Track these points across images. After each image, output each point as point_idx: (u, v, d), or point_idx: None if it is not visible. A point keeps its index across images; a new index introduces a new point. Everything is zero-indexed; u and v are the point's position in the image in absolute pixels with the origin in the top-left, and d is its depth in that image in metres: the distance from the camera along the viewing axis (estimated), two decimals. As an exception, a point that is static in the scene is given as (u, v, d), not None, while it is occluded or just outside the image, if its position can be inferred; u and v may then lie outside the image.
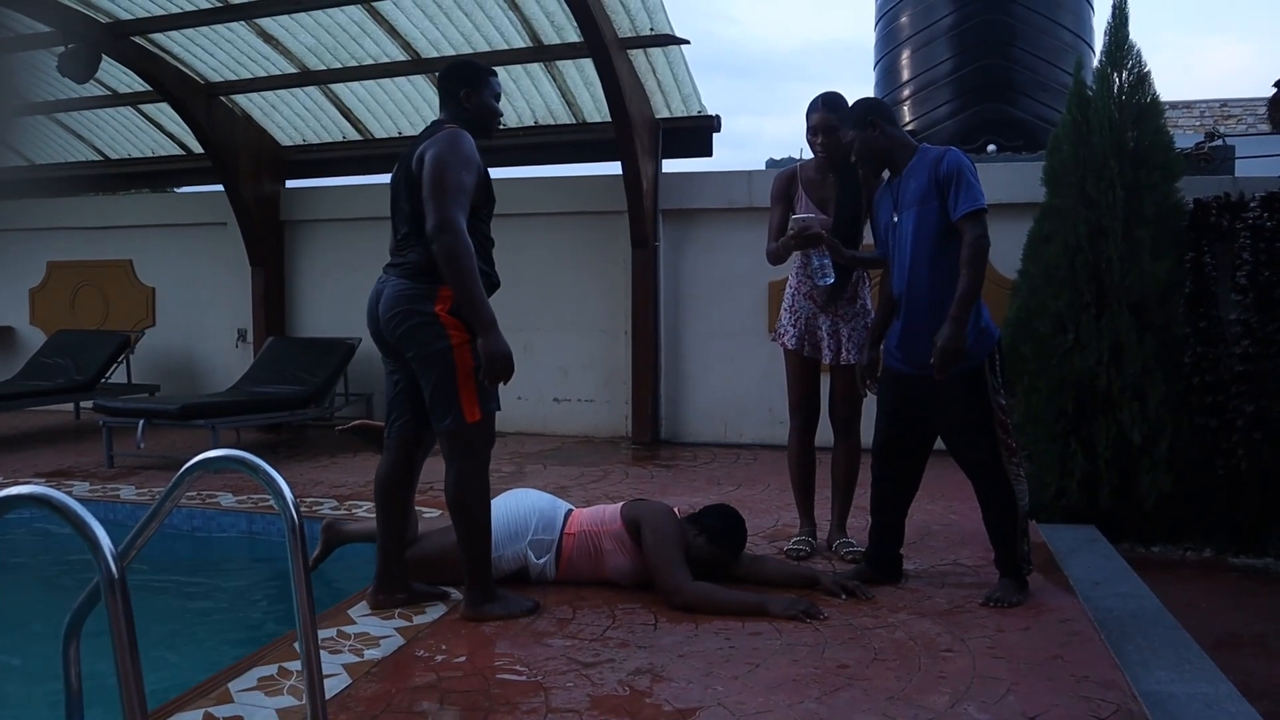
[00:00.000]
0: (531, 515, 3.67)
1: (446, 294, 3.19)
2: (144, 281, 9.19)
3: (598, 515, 3.70)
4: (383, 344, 3.38)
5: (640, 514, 3.59)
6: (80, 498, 5.13)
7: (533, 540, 3.63)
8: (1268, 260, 5.44)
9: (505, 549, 3.59)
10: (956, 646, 3.03)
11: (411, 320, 3.22)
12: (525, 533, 3.63)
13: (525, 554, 3.62)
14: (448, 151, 3.20)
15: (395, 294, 3.27)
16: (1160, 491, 5.30)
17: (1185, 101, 18.00)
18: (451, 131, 3.30)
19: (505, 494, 3.82)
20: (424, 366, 3.24)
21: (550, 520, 3.68)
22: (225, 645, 3.54)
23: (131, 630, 1.64)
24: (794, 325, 4.20)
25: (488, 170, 3.39)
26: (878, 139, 3.60)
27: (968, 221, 3.48)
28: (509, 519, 3.63)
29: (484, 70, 3.53)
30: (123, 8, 6.95)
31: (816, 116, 4.04)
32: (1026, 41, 8.62)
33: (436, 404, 3.24)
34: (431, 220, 3.12)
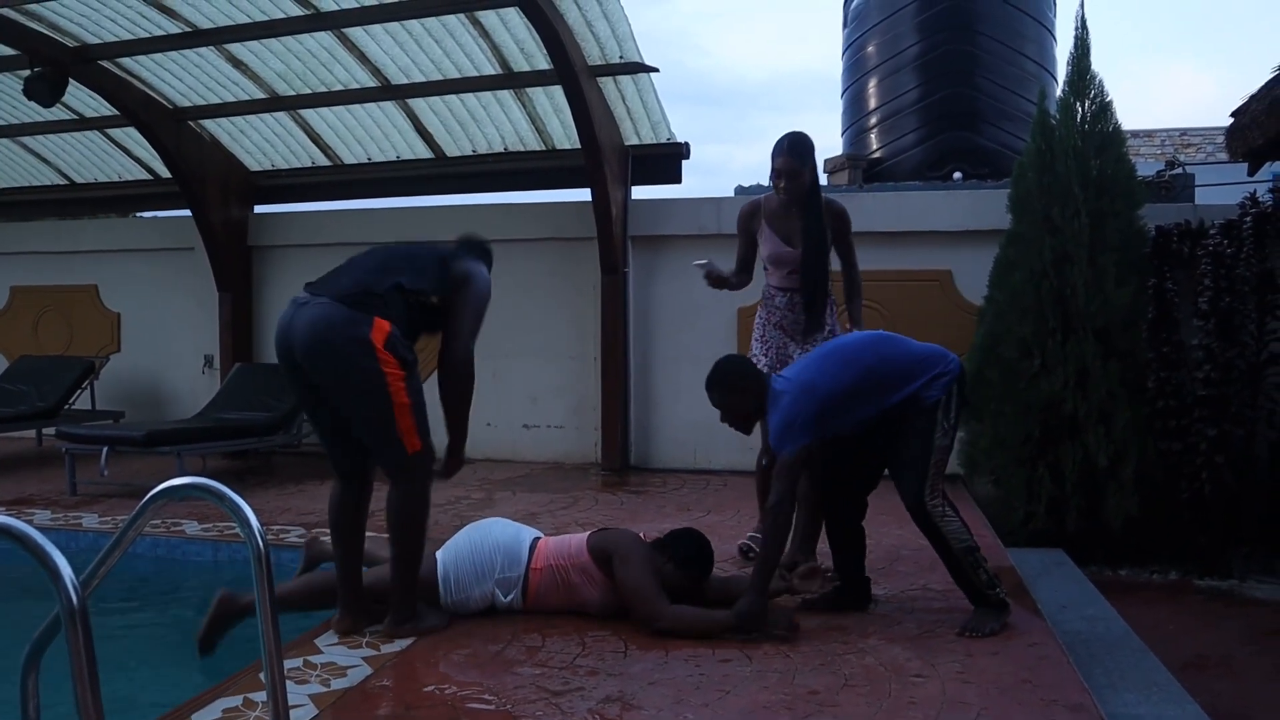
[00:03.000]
0: (496, 554, 3.57)
1: (383, 325, 3.14)
2: (109, 307, 9.09)
3: (563, 547, 3.63)
4: (294, 372, 3.27)
5: (608, 544, 3.55)
6: (41, 526, 5.03)
7: (498, 579, 3.56)
8: (1228, 287, 5.54)
9: (472, 590, 3.53)
10: (926, 672, 3.03)
11: (349, 347, 3.13)
12: (491, 572, 3.55)
13: (492, 593, 3.57)
14: (486, 292, 3.47)
15: (324, 317, 3.17)
16: (1126, 515, 5.37)
17: (1146, 130, 18.34)
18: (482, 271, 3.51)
19: (468, 529, 3.72)
20: (353, 396, 3.19)
21: (515, 556, 3.59)
22: (189, 676, 3.48)
23: (92, 662, 1.61)
24: (765, 354, 4.29)
25: None
26: (746, 402, 3.63)
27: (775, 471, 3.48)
28: (473, 558, 3.56)
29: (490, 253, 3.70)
30: (90, 32, 6.92)
31: (781, 160, 4.10)
32: (991, 71, 8.77)
33: (374, 436, 3.24)
34: (463, 350, 3.35)
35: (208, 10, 6.62)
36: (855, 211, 7.05)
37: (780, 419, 3.44)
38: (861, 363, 3.52)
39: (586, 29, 6.35)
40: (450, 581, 3.53)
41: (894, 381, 3.50)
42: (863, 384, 3.48)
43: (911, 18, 9.02)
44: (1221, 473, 5.35)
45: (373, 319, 3.15)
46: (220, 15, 6.67)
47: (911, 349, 3.59)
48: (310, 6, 6.51)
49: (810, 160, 4.10)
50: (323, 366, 3.18)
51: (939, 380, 3.50)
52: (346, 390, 3.20)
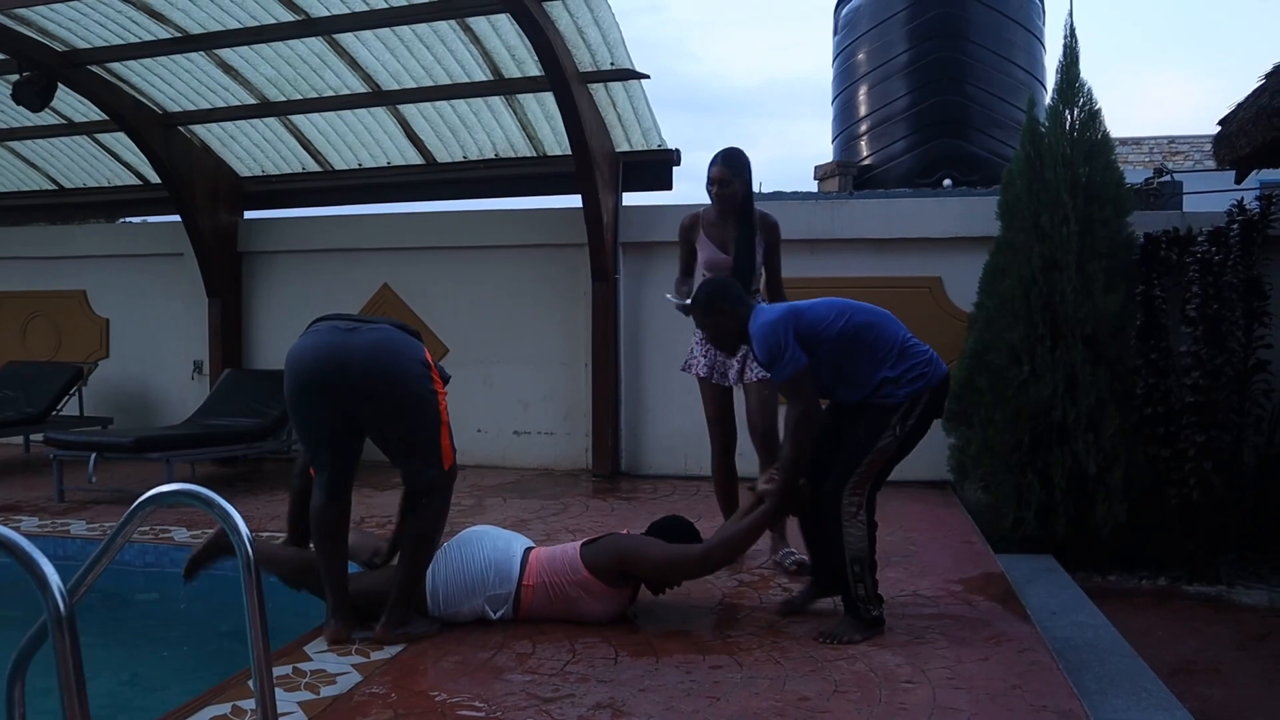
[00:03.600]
0: (487, 570, 3.54)
1: (429, 355, 3.42)
2: (98, 312, 9.05)
3: (556, 563, 3.57)
4: (335, 393, 3.29)
5: (605, 555, 3.53)
6: (28, 533, 5.01)
7: (489, 596, 3.54)
8: (1215, 294, 5.57)
9: (460, 605, 3.52)
10: (916, 678, 3.03)
11: (413, 368, 3.33)
12: (481, 589, 3.53)
13: (482, 608, 3.54)
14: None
15: (394, 341, 3.35)
16: (1115, 521, 5.38)
17: (1134, 138, 18.44)
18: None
19: (458, 540, 3.67)
20: (411, 414, 3.34)
21: (506, 573, 3.55)
22: (177, 684, 3.47)
23: (80, 670, 1.60)
24: (704, 356, 4.59)
25: None
26: (727, 323, 3.68)
27: (785, 392, 3.51)
28: (464, 573, 3.54)
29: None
30: (80, 37, 6.90)
31: (715, 170, 4.46)
32: (980, 79, 8.82)
33: (419, 452, 3.37)
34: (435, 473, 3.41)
35: (198, 15, 6.60)
36: (846, 218, 7.16)
37: (764, 346, 3.47)
38: (852, 319, 3.54)
39: (578, 35, 6.36)
40: (439, 596, 3.51)
41: (874, 355, 3.49)
42: (845, 341, 3.49)
43: (901, 25, 9.07)
44: (1209, 479, 5.38)
45: (423, 347, 3.43)
46: (210, 20, 6.65)
47: (903, 337, 3.59)
48: (301, 12, 6.50)
49: (743, 174, 4.46)
50: (388, 383, 3.30)
51: (913, 380, 3.49)
52: (406, 407, 3.34)
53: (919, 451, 6.58)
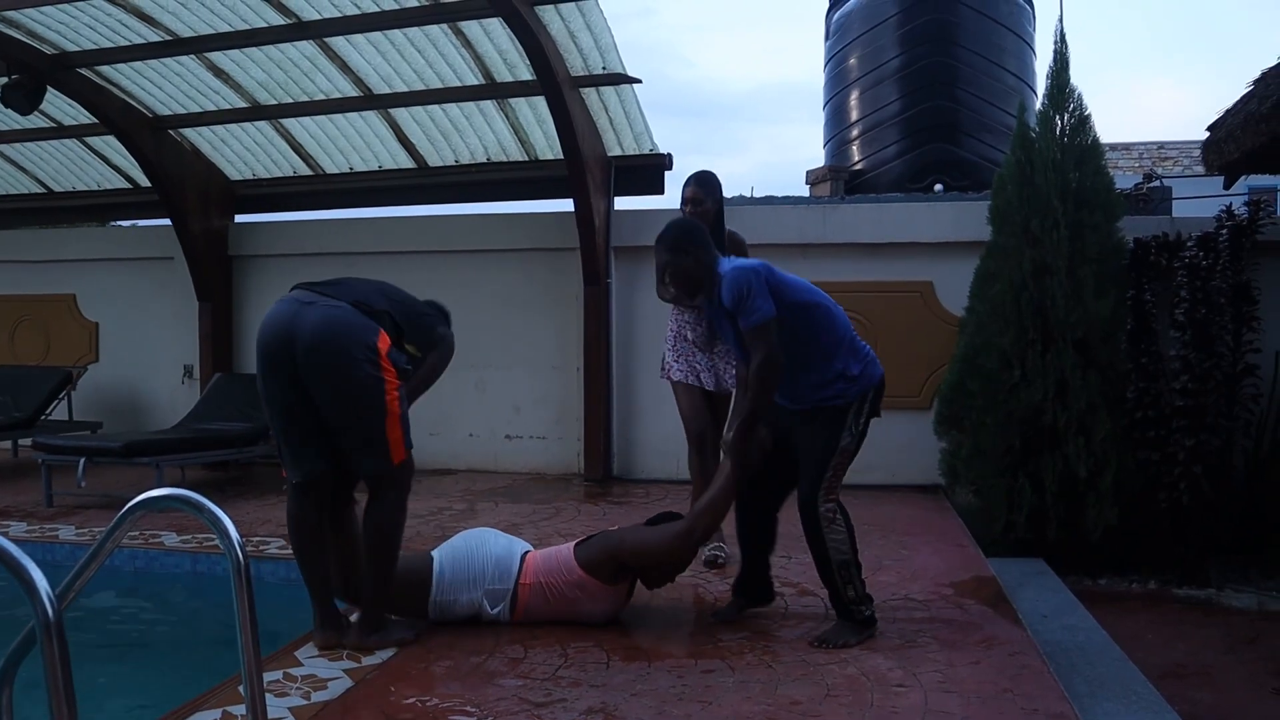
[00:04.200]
0: (487, 563, 3.58)
1: (385, 337, 3.28)
2: (87, 316, 9.01)
3: (551, 564, 3.59)
4: (283, 369, 3.26)
5: (599, 553, 3.55)
6: (16, 538, 4.99)
7: (487, 590, 3.56)
8: (1204, 298, 5.60)
9: (460, 595, 3.54)
10: (908, 681, 3.03)
11: (357, 352, 3.20)
12: (480, 581, 3.55)
13: (480, 602, 3.56)
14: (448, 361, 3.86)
15: (340, 319, 3.24)
16: (1106, 525, 5.40)
17: (1124, 143, 18.54)
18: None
19: (463, 535, 3.74)
20: (352, 398, 3.22)
21: (506, 569, 3.58)
22: (167, 689, 3.45)
23: (68, 676, 1.59)
24: (678, 361, 4.79)
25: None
26: (692, 267, 3.59)
27: (750, 339, 3.42)
28: (468, 563, 3.57)
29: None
30: (69, 40, 6.88)
31: (689, 190, 4.70)
32: (971, 84, 8.84)
33: (363, 441, 3.28)
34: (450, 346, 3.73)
35: (188, 19, 6.59)
36: (838, 223, 7.17)
37: (733, 288, 3.41)
38: (813, 298, 3.56)
39: (569, 40, 6.36)
40: (444, 580, 3.53)
41: (828, 340, 3.50)
42: (804, 314, 3.48)
43: (893, 31, 9.09)
44: (1199, 482, 5.40)
45: (379, 329, 3.28)
46: (201, 24, 6.64)
47: (852, 332, 3.62)
48: (292, 16, 6.49)
49: (715, 193, 4.71)
50: (328, 364, 3.20)
51: (860, 377, 3.52)
52: (346, 392, 3.23)
53: (911, 455, 6.71)
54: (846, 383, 3.50)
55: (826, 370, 3.49)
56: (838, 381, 3.50)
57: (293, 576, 4.65)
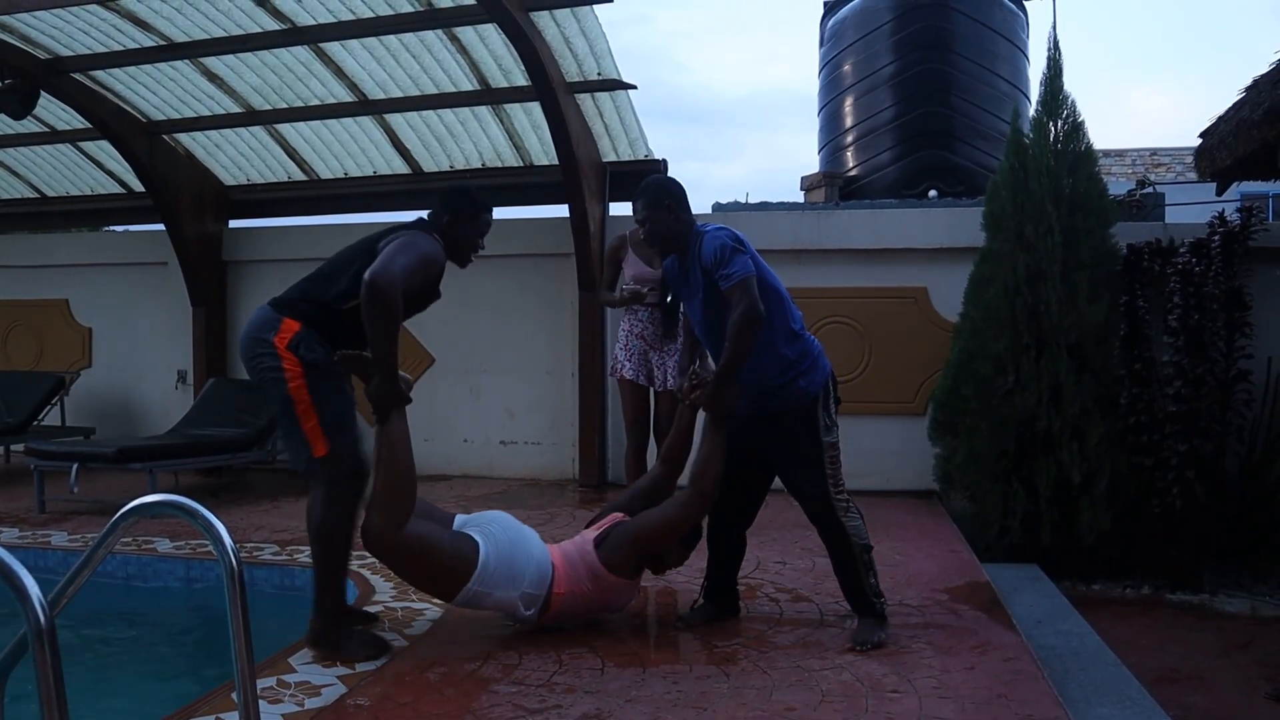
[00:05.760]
0: (529, 566, 3.44)
1: (290, 326, 3.22)
2: (80, 321, 8.99)
3: (579, 572, 3.50)
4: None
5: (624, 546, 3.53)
6: (8, 544, 4.97)
7: (524, 593, 3.42)
8: (1197, 304, 5.62)
9: (496, 591, 3.40)
10: (903, 687, 3.03)
11: (256, 348, 3.25)
12: (519, 582, 3.41)
13: (515, 603, 3.44)
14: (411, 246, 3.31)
15: (251, 320, 3.33)
16: (1100, 530, 5.40)
17: (1117, 150, 18.60)
18: (424, 237, 3.41)
19: (500, 523, 3.55)
20: (266, 395, 3.30)
21: (543, 574, 3.46)
22: (160, 696, 3.44)
23: (60, 683, 1.58)
24: (629, 360, 5.19)
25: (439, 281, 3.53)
26: (669, 222, 3.60)
27: (733, 293, 3.40)
28: (510, 562, 3.41)
29: (477, 205, 3.61)
30: (63, 44, 6.87)
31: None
32: (965, 90, 8.86)
33: (284, 435, 3.32)
34: (374, 269, 3.12)
35: (182, 24, 6.58)
36: (832, 229, 7.17)
37: (715, 243, 3.42)
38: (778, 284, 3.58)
39: (565, 46, 6.37)
40: (488, 572, 3.35)
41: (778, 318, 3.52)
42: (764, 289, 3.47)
43: (887, 37, 9.10)
44: (1192, 487, 5.41)
45: (281, 320, 3.25)
46: (195, 29, 6.63)
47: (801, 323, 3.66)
48: (287, 21, 6.49)
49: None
50: (247, 370, 3.31)
51: (813, 369, 3.55)
52: (262, 388, 3.29)
53: (905, 461, 6.72)
54: (804, 377, 3.52)
55: (781, 360, 3.51)
56: (796, 379, 3.52)
57: (285, 583, 4.67)
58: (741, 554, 3.87)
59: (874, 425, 6.71)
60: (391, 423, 3.24)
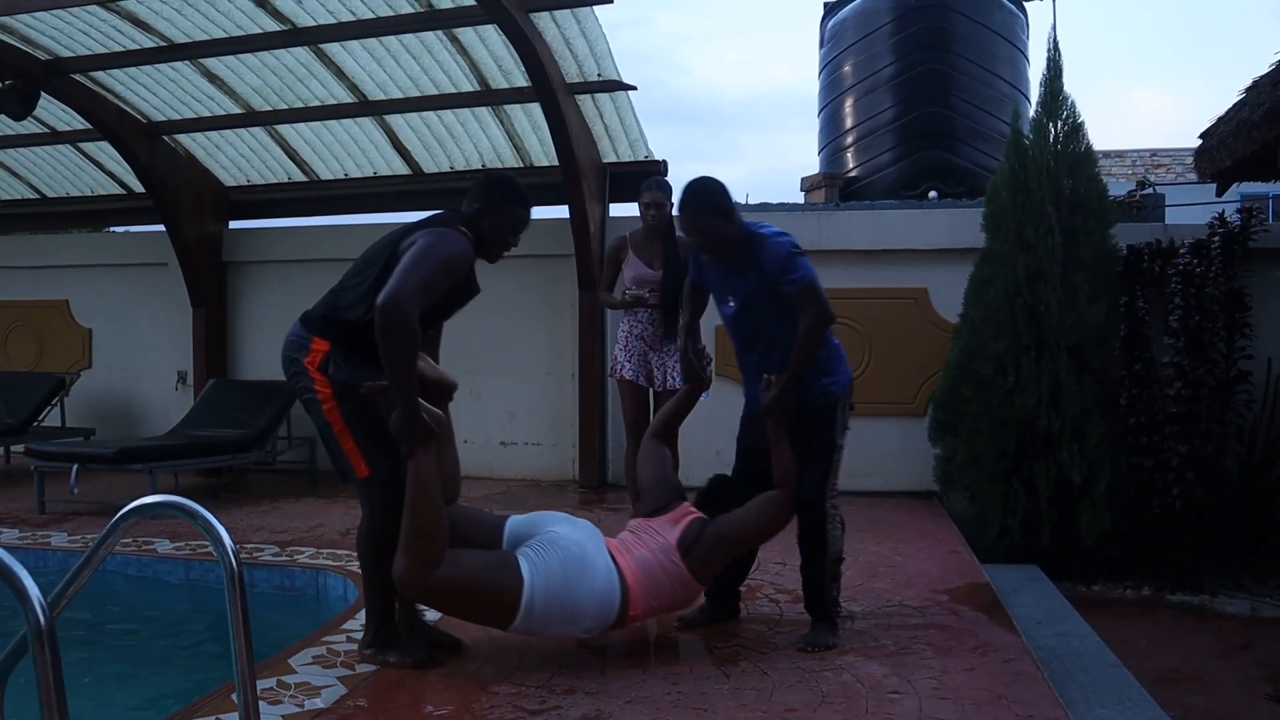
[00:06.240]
0: (588, 602, 3.14)
1: (319, 345, 3.10)
2: (80, 322, 8.99)
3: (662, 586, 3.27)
4: None
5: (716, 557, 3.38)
6: (8, 545, 4.97)
7: (586, 628, 3.21)
8: (1197, 305, 5.61)
9: (551, 629, 3.18)
10: (903, 688, 3.03)
11: (290, 369, 3.16)
12: (579, 619, 3.16)
13: (577, 635, 3.27)
14: (427, 254, 3.02)
15: (286, 337, 3.22)
16: (1100, 530, 5.40)
17: (1117, 151, 18.60)
18: (447, 234, 3.14)
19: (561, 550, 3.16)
20: (312, 419, 3.18)
21: (607, 608, 3.17)
22: (160, 697, 3.44)
23: (60, 683, 1.58)
24: (629, 361, 5.17)
25: (472, 276, 3.28)
26: (727, 228, 3.49)
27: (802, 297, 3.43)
28: (562, 601, 3.10)
29: (509, 198, 3.34)
30: (64, 45, 6.87)
31: (650, 195, 5.16)
32: (965, 91, 8.85)
33: (331, 458, 3.21)
34: (386, 294, 2.88)
35: (183, 25, 6.58)
36: (832, 229, 7.17)
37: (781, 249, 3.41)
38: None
39: (565, 47, 6.37)
40: (534, 613, 3.08)
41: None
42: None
43: (887, 38, 9.10)
44: (1192, 488, 5.41)
45: (311, 339, 3.14)
46: (196, 30, 6.63)
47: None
48: (287, 22, 6.49)
49: (671, 200, 5.10)
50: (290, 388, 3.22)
51: (838, 370, 3.58)
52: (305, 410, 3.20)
53: (905, 461, 6.72)
54: (828, 377, 3.54)
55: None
56: (821, 377, 3.53)
57: (285, 584, 4.68)
58: (752, 558, 3.86)
59: (874, 426, 6.70)
60: (418, 458, 3.00)
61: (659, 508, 3.54)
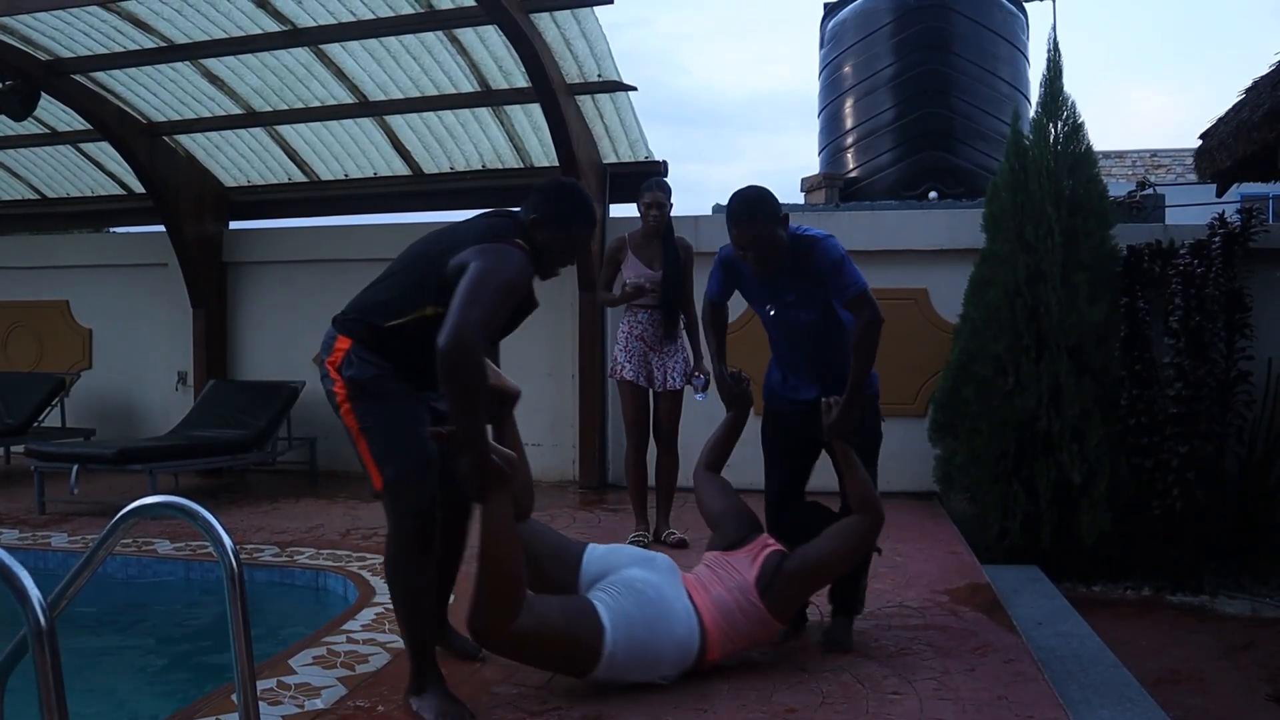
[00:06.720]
0: (670, 650, 3.03)
1: (341, 344, 2.84)
2: (81, 323, 8.99)
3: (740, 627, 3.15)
4: None
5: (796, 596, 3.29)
6: (8, 545, 4.97)
7: (663, 675, 3.05)
8: (1198, 305, 5.61)
9: (628, 676, 2.99)
10: (903, 688, 3.03)
11: (319, 368, 2.92)
12: (657, 666, 3.03)
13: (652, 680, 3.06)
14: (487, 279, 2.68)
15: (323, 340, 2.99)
16: (1100, 531, 5.40)
17: (1117, 151, 18.59)
18: (505, 252, 2.79)
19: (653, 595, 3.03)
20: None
21: (687, 650, 3.06)
22: (160, 698, 3.44)
23: (60, 684, 1.58)
24: (629, 361, 5.18)
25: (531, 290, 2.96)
26: (782, 237, 3.40)
27: (857, 304, 3.43)
28: (644, 649, 2.97)
29: (577, 218, 3.03)
30: (64, 46, 6.87)
31: (650, 196, 5.20)
32: (965, 92, 8.85)
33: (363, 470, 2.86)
34: (444, 338, 2.54)
35: (183, 25, 6.58)
36: (832, 230, 7.13)
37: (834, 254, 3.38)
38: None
39: (565, 47, 6.37)
40: (616, 662, 2.91)
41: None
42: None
43: (887, 39, 9.10)
44: (1192, 489, 5.41)
45: (336, 337, 2.89)
46: (196, 30, 6.64)
47: None
48: (287, 22, 6.49)
49: (671, 201, 5.25)
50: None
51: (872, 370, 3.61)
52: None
53: (905, 462, 6.69)
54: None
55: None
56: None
57: (285, 584, 4.68)
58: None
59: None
60: (489, 507, 2.71)
61: (736, 540, 3.39)
